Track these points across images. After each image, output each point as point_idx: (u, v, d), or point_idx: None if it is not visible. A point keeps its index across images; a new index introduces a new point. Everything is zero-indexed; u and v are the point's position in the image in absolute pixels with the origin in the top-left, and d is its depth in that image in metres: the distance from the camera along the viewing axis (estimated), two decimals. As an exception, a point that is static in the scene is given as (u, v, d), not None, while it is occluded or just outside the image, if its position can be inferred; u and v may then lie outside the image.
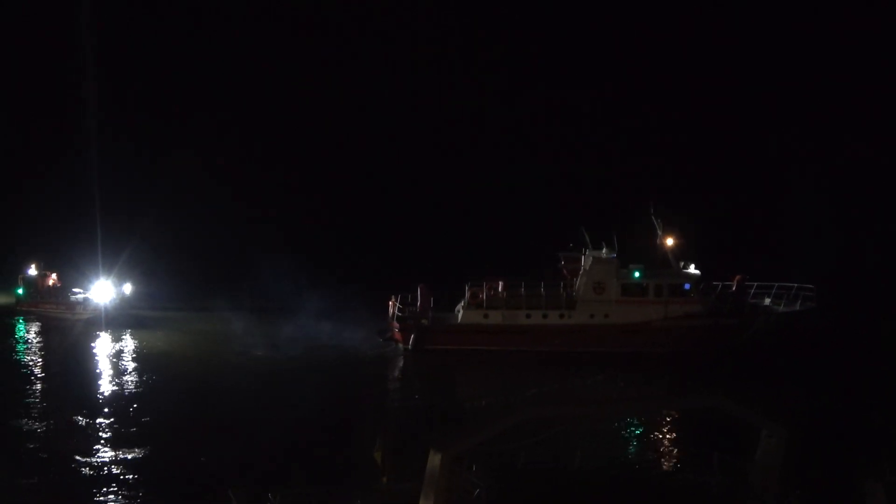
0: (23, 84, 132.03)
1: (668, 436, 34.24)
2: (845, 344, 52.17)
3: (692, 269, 54.51)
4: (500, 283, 54.79)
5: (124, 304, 61.85)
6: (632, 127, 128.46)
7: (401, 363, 52.44)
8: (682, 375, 47.53)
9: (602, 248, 54.77)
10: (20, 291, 64.79)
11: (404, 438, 24.36)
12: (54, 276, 65.16)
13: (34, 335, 58.08)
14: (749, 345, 51.95)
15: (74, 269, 64.53)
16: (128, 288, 62.70)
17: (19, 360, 50.93)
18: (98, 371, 48.20)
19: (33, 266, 65.14)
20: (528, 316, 53.71)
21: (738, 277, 55.10)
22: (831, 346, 51.78)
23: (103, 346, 54.46)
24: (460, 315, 54.83)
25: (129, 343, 55.21)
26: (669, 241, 54.59)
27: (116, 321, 59.65)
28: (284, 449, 32.13)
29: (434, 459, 18.06)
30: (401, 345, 54.61)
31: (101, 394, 42.71)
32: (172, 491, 28.63)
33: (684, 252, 55.16)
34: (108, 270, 61.63)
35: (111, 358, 51.44)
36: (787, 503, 20.46)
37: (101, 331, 57.89)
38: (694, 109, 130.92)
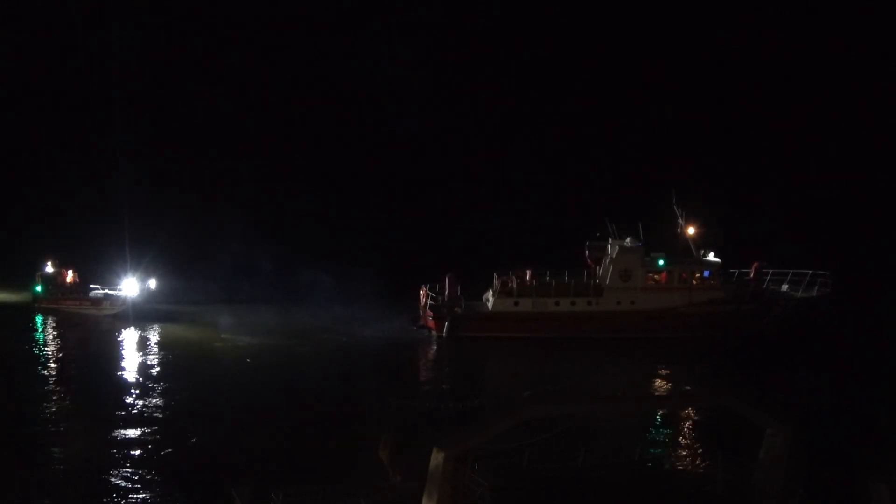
0: (50, 84, 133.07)
1: (672, 434, 34.29)
2: (856, 332, 53.42)
3: (711, 257, 56.46)
4: (528, 272, 56.70)
5: (150, 299, 62.08)
6: (653, 119, 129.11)
7: (434, 350, 54.40)
8: (702, 362, 49.28)
9: (627, 238, 56.66)
10: (38, 289, 63.06)
11: (409, 437, 24.52)
12: (70, 272, 63.53)
13: (68, 332, 57.74)
14: (769, 329, 53.95)
15: (105, 266, 63.81)
16: (153, 283, 62.73)
17: (61, 357, 51.93)
18: (121, 365, 49.15)
19: (49, 263, 63.53)
20: (557, 303, 55.66)
21: (755, 265, 57.13)
22: (844, 333, 53.16)
23: (132, 340, 55.37)
24: (490, 303, 56.68)
25: (154, 337, 56.07)
26: (691, 230, 56.37)
27: (143, 315, 59.81)
28: (289, 446, 32.45)
29: (437, 458, 18.33)
30: (434, 332, 56.48)
31: (118, 388, 43.63)
32: (177, 488, 29.05)
33: (704, 240, 56.93)
34: (135, 267, 61.70)
35: (137, 352, 52.45)
36: (791, 502, 20.79)
37: (129, 325, 58.27)
38: (713, 102, 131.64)
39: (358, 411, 36.71)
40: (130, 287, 60.90)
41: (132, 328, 57.86)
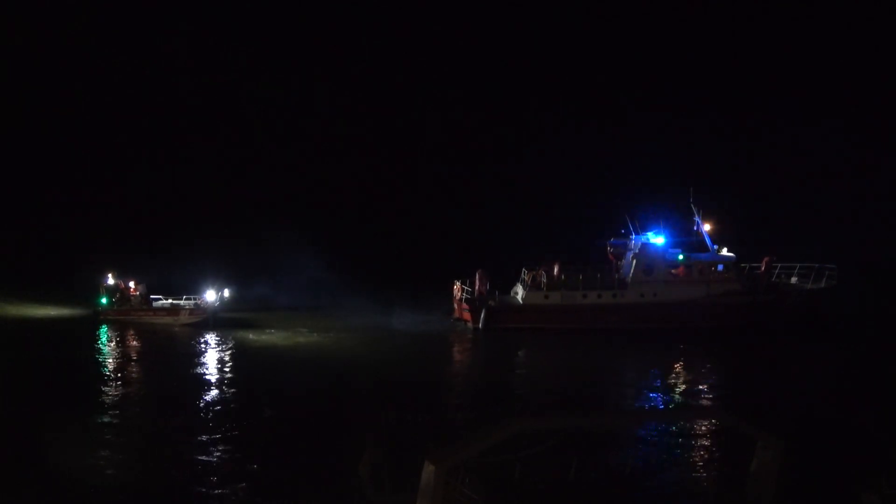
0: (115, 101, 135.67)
1: (663, 447, 34.37)
2: (854, 333, 55.81)
3: (725, 252, 59.88)
4: (556, 267, 60.30)
5: (226, 307, 64.13)
6: (666, 116, 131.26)
7: (470, 340, 57.68)
8: (713, 357, 51.71)
9: (648, 233, 60.26)
10: (103, 300, 62.45)
11: (393, 451, 23.72)
12: (133, 283, 63.80)
13: (151, 340, 57.41)
14: (784, 320, 57.51)
15: (164, 277, 65.17)
16: (227, 292, 64.92)
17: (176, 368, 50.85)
18: (158, 374, 48.36)
19: (110, 275, 63.76)
20: (584, 296, 59.11)
21: (766, 259, 60.63)
22: (842, 333, 55.77)
23: (202, 348, 55.51)
24: (520, 295, 60.36)
25: (223, 342, 56.29)
26: (707, 226, 59.82)
27: (222, 322, 61.32)
28: (286, 455, 31.99)
29: (428, 471, 18.01)
30: (469, 324, 60.12)
31: (137, 396, 43.17)
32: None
33: (719, 235, 60.35)
34: (215, 277, 64.25)
35: (189, 360, 51.77)
36: (782, 514, 21.56)
37: (210, 333, 59.09)
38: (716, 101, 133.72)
39: (359, 421, 35.44)
40: (210, 296, 63.23)
41: (212, 335, 58.70)
